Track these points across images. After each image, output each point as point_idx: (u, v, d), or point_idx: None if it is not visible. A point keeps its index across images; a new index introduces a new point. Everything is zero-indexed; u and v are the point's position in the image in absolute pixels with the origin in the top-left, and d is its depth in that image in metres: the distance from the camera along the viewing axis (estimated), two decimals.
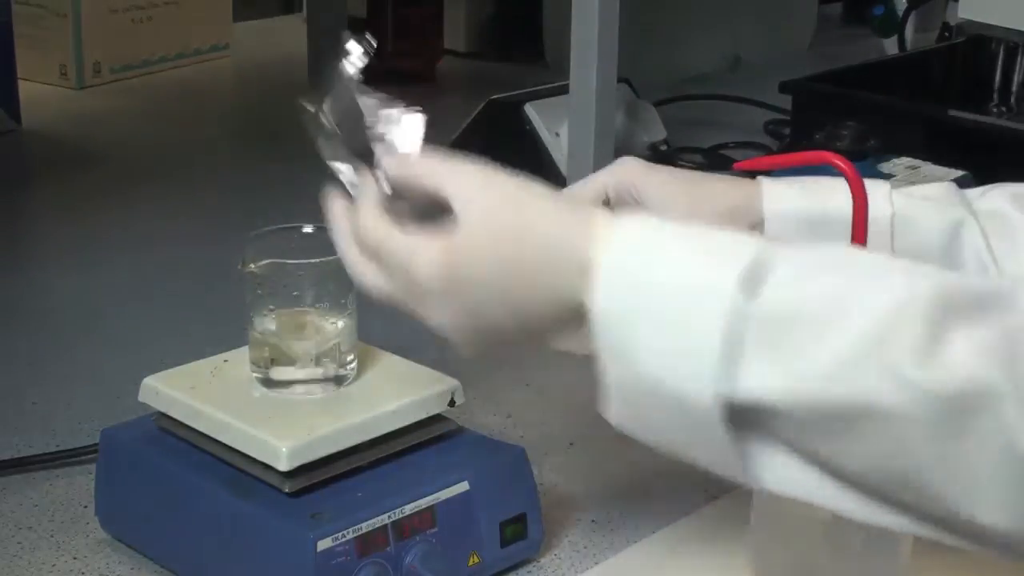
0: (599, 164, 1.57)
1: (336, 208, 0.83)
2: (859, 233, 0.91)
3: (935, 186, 1.01)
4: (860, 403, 0.64)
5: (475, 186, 0.77)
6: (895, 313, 0.64)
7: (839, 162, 0.92)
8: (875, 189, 0.97)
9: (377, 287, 0.80)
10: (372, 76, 0.90)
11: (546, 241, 0.74)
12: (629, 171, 0.99)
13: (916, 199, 0.98)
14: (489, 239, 0.75)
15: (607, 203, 0.99)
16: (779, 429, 0.67)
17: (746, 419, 0.68)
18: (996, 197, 0.98)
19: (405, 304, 0.79)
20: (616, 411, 0.73)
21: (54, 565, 0.97)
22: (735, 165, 0.99)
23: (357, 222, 0.80)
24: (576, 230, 0.73)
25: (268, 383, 0.95)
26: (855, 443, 0.66)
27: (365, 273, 0.80)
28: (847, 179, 0.92)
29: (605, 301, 0.71)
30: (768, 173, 1.02)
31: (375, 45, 0.87)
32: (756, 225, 0.98)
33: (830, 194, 0.97)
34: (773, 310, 0.67)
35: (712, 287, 0.67)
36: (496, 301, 0.76)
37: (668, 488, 1.08)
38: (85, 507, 1.03)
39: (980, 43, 1.89)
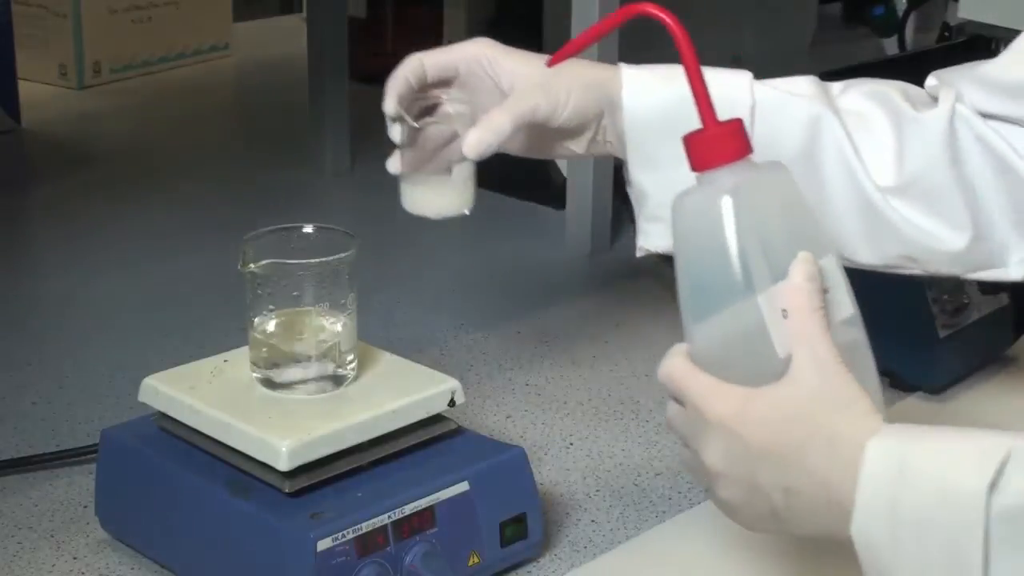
0: (599, 164, 1.57)
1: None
2: (700, 97, 0.82)
3: (800, 80, 0.99)
4: None
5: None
6: None
7: (657, 12, 0.83)
8: (737, 78, 0.97)
9: (671, 417, 0.84)
10: (372, 76, 0.90)
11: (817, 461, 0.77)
12: (484, 48, 0.97)
13: (780, 91, 0.97)
14: (779, 418, 0.78)
15: (456, 77, 0.98)
16: None
17: None
18: (855, 93, 0.99)
19: (687, 438, 0.83)
20: None
21: (54, 565, 0.97)
22: (549, 63, 0.94)
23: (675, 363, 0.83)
24: (840, 467, 0.76)
25: (268, 383, 0.95)
26: None
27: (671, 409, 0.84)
28: (670, 32, 0.84)
29: (861, 533, 0.74)
30: None
31: None
32: (614, 106, 0.97)
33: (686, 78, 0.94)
34: (1016, 510, 0.69)
35: (965, 501, 0.70)
36: (770, 472, 0.78)
37: (667, 488, 1.08)
38: (85, 507, 1.03)
39: (980, 43, 1.89)
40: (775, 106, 0.96)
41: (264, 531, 0.88)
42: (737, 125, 0.81)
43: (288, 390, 0.95)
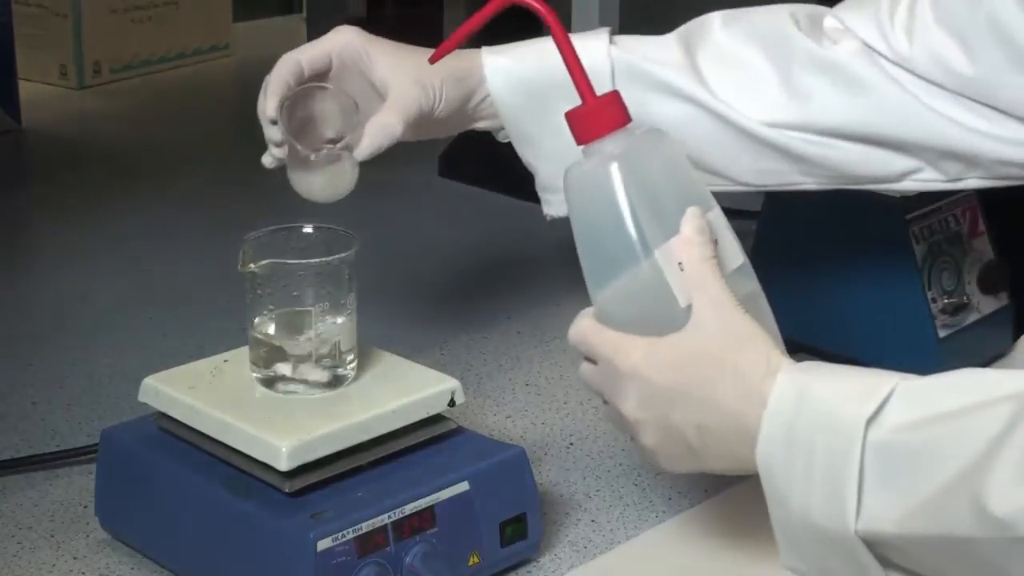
0: None
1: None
2: (577, 77, 0.88)
3: (665, 43, 1.04)
4: (956, 536, 0.71)
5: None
6: (993, 448, 0.70)
7: (532, 0, 0.89)
8: (595, 42, 1.02)
9: (585, 375, 0.90)
10: None
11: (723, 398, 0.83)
12: (353, 37, 1.03)
13: (637, 56, 1.03)
14: (686, 359, 0.84)
15: (329, 69, 1.02)
16: (894, 557, 0.75)
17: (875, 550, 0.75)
18: (739, 32, 1.04)
19: (603, 393, 0.89)
20: (783, 552, 0.80)
21: (54, 565, 0.97)
22: (431, 58, 0.96)
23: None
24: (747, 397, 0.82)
25: (268, 383, 0.95)
26: (957, 569, 0.73)
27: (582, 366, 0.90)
28: (541, 17, 0.90)
29: (763, 456, 0.79)
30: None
31: None
32: (483, 93, 1.03)
33: (545, 54, 1.00)
34: (888, 445, 0.74)
35: (845, 429, 0.75)
36: (683, 411, 0.84)
37: (667, 488, 1.08)
38: (85, 507, 1.03)
39: None
40: (631, 73, 1.02)
41: (264, 531, 0.88)
42: (614, 96, 0.87)
43: (288, 390, 0.95)
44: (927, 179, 1.04)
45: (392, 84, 1.00)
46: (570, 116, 0.88)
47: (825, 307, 1.27)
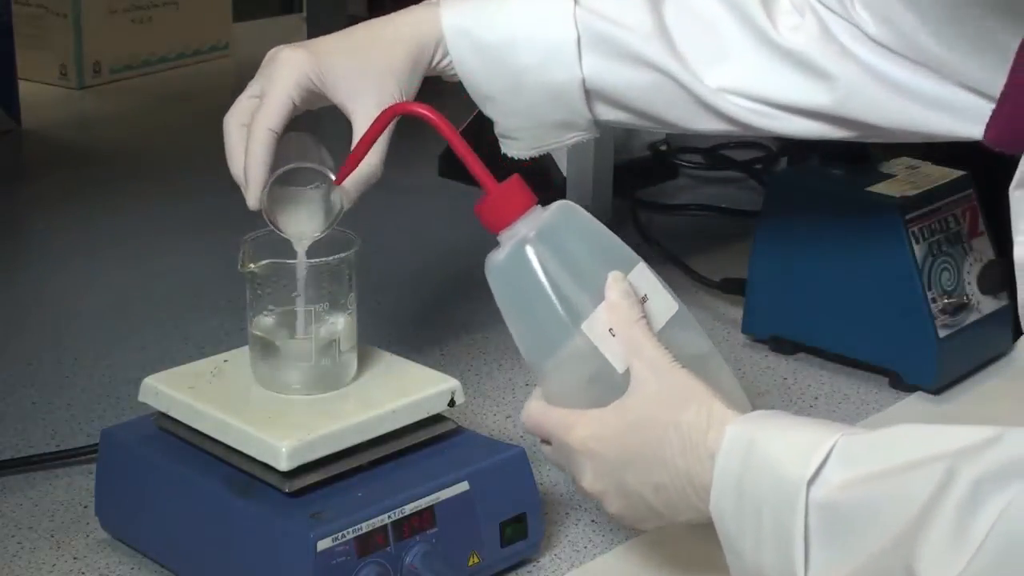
0: (599, 163, 1.57)
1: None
2: (477, 172, 0.89)
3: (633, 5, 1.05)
4: None
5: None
6: (924, 514, 0.70)
7: (417, 109, 0.90)
8: (560, 4, 1.02)
9: (546, 455, 0.93)
10: None
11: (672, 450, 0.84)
12: (300, 75, 0.98)
13: (606, 22, 1.02)
14: (629, 426, 0.86)
15: (295, 108, 0.99)
16: None
17: None
18: None
19: (564, 469, 0.91)
20: None
21: (54, 565, 0.97)
22: (336, 182, 0.95)
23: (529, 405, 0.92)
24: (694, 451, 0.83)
25: (268, 383, 0.95)
26: None
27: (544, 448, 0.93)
28: (432, 125, 0.90)
29: (716, 510, 0.81)
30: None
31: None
32: (440, 51, 1.03)
33: (504, 10, 1.02)
34: (830, 504, 0.75)
35: (790, 488, 0.76)
36: (636, 476, 0.86)
37: None
38: (85, 507, 1.03)
39: None
40: (598, 41, 1.03)
41: (264, 531, 0.88)
42: (515, 181, 0.90)
43: (288, 390, 0.95)
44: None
45: (355, 111, 0.99)
46: (478, 210, 0.90)
47: (825, 307, 1.27)
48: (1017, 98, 0.75)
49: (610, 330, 0.86)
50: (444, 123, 0.89)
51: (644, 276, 0.89)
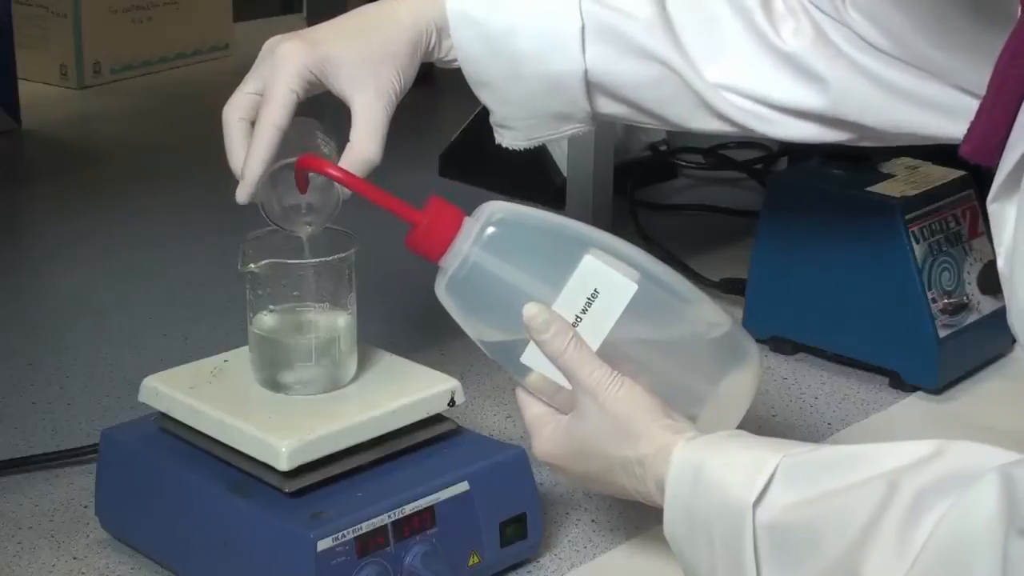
0: (599, 163, 1.57)
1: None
2: (400, 212, 0.90)
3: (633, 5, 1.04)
4: None
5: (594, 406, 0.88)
6: (866, 533, 0.71)
7: (325, 168, 0.91)
8: None
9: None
10: None
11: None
12: (300, 66, 0.98)
13: (610, 10, 1.02)
14: (578, 453, 0.89)
15: (301, 102, 0.99)
16: None
17: None
18: None
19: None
20: None
21: (54, 565, 0.97)
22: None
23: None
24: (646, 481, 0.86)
25: (268, 383, 0.95)
26: None
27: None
28: (342, 184, 0.92)
29: (669, 534, 0.82)
30: None
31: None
32: (442, 35, 1.02)
33: None
34: (776, 525, 0.76)
35: (736, 512, 0.77)
36: (598, 487, 0.92)
37: None
38: (85, 507, 1.03)
39: None
40: (602, 31, 1.02)
41: (264, 531, 0.88)
42: (437, 203, 0.90)
43: (288, 390, 0.95)
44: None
45: (354, 99, 0.98)
46: (409, 244, 0.91)
47: (825, 307, 1.27)
48: (989, 118, 0.75)
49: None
50: (352, 180, 0.91)
51: (592, 268, 0.88)
